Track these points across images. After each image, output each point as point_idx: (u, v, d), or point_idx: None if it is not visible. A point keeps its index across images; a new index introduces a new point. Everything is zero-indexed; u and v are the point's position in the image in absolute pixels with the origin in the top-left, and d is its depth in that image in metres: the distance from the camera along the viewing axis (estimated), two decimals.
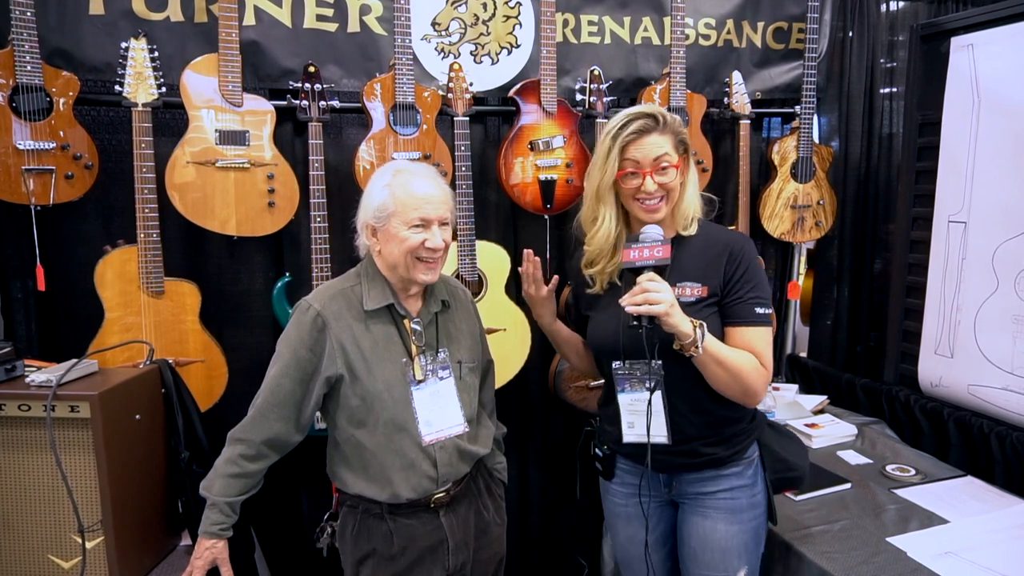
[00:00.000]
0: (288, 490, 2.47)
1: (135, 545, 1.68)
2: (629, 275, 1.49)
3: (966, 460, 2.26)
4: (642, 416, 1.57)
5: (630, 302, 1.43)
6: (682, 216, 1.61)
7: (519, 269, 1.78)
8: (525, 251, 1.77)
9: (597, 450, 1.77)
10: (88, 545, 1.60)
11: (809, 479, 1.85)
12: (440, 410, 1.61)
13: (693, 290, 1.56)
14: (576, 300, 1.80)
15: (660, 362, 1.54)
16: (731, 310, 1.56)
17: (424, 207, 1.53)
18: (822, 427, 2.41)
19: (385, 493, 1.57)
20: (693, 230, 1.62)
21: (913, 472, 2.12)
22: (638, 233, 1.51)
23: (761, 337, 1.55)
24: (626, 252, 1.49)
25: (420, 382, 1.59)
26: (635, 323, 1.44)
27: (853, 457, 2.25)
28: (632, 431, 1.62)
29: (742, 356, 1.52)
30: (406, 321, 1.61)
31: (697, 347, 1.45)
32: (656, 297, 1.41)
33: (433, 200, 1.54)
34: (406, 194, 1.53)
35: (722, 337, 1.55)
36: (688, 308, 1.51)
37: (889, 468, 2.15)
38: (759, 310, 1.55)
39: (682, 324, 1.44)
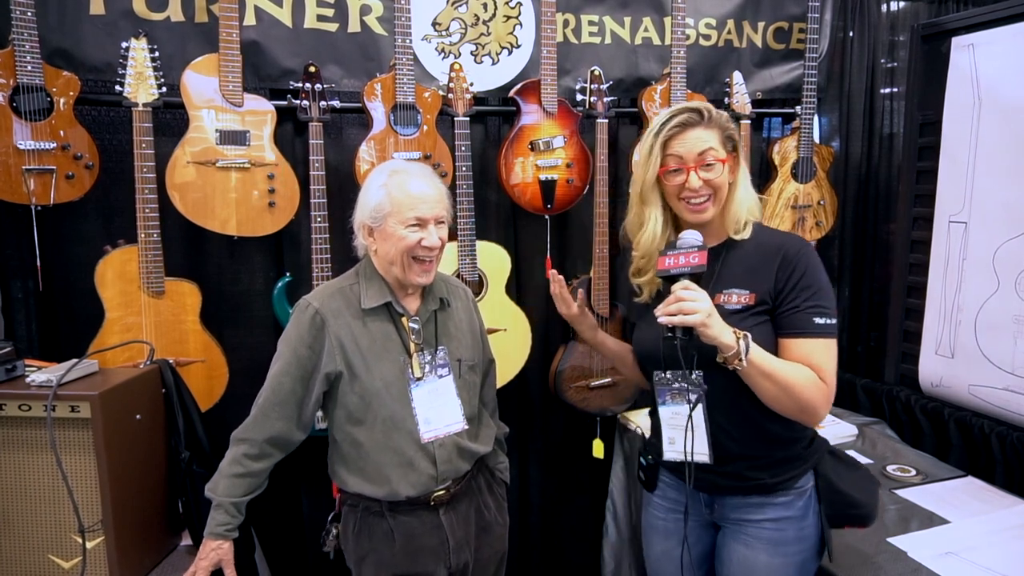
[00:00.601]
0: (289, 491, 2.46)
1: (135, 545, 1.68)
2: (666, 284, 1.40)
3: (967, 460, 2.26)
4: (682, 431, 1.48)
5: (664, 312, 1.33)
6: (733, 218, 1.49)
7: (551, 291, 1.78)
8: (550, 272, 1.77)
9: (642, 459, 1.70)
10: (88, 545, 1.60)
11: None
12: (439, 408, 1.62)
13: (740, 297, 1.44)
14: (627, 308, 1.78)
15: (701, 374, 1.45)
16: (786, 320, 1.42)
17: (420, 206, 1.53)
18: (822, 427, 2.41)
19: (384, 491, 1.58)
20: (746, 233, 1.50)
21: (914, 472, 2.12)
22: (676, 239, 1.41)
23: (822, 350, 1.41)
24: (661, 260, 1.39)
25: (419, 380, 1.60)
26: (670, 335, 1.34)
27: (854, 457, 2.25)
28: (672, 448, 1.53)
29: (796, 369, 1.39)
30: (404, 319, 1.62)
31: (741, 360, 1.34)
32: (691, 307, 1.31)
33: (429, 199, 1.55)
34: (402, 194, 1.53)
35: (775, 348, 1.43)
36: (733, 317, 1.42)
37: (890, 468, 2.15)
38: (819, 320, 1.40)
39: (722, 335, 1.33)
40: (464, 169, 2.30)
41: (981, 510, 1.90)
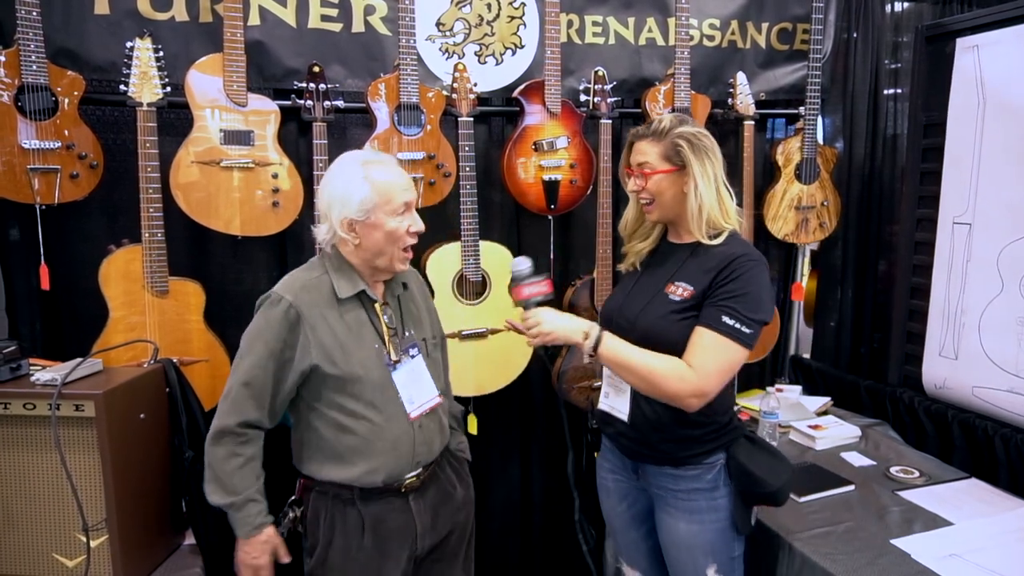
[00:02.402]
0: (289, 489, 2.46)
1: (139, 544, 1.68)
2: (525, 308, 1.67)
3: (970, 462, 2.26)
4: (614, 388, 1.71)
5: (530, 341, 1.66)
6: (691, 224, 1.63)
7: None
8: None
9: (593, 422, 1.87)
10: (92, 544, 1.61)
11: (791, 490, 1.75)
12: (419, 386, 1.67)
13: (683, 291, 1.61)
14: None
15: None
16: (702, 312, 1.57)
17: (404, 193, 1.58)
18: (825, 428, 2.41)
19: (359, 476, 1.58)
20: (718, 240, 1.63)
21: (917, 474, 2.12)
22: (514, 270, 1.67)
23: (710, 344, 1.53)
24: (517, 290, 1.65)
25: (396, 363, 1.63)
26: (541, 351, 1.75)
27: (857, 459, 2.24)
28: (606, 400, 1.75)
29: (660, 361, 1.54)
30: (376, 306, 1.64)
31: (588, 352, 1.58)
32: (536, 331, 1.62)
33: (408, 186, 1.61)
34: (386, 184, 1.56)
35: None
36: (674, 306, 1.60)
37: (893, 470, 2.14)
38: (726, 319, 1.52)
39: (570, 337, 1.60)
40: (468, 169, 2.31)
41: (984, 512, 1.89)
